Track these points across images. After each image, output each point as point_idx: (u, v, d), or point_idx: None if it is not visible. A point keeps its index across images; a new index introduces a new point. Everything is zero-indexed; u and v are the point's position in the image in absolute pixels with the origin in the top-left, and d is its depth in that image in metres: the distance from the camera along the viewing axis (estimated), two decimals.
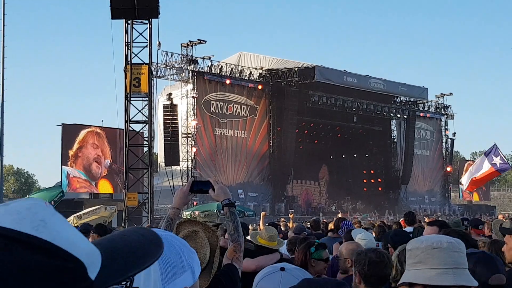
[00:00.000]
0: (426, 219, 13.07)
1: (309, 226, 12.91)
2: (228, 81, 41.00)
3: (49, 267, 0.80)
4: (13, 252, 0.79)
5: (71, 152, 36.22)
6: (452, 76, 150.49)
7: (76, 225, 19.57)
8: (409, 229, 10.20)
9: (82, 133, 37.01)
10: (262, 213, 14.61)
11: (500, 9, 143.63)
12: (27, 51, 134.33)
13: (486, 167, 28.01)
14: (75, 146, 36.42)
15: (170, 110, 34.36)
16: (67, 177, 36.11)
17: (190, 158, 38.13)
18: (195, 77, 39.09)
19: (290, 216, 19.45)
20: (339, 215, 21.00)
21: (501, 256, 4.93)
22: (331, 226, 12.43)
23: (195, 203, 33.38)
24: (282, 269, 3.18)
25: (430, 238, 2.32)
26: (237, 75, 41.92)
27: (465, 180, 30.24)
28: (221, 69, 40.90)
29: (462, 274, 2.22)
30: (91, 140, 37.16)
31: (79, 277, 0.83)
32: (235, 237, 3.43)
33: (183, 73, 38.79)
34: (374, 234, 8.86)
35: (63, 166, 36.09)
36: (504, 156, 28.96)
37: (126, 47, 28.79)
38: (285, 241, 7.46)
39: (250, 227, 11.67)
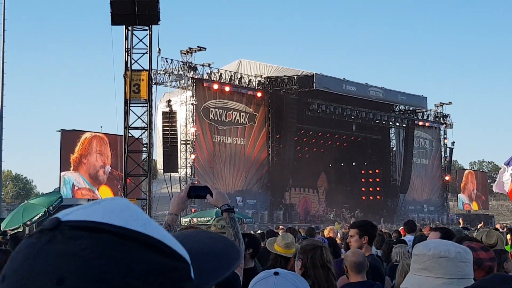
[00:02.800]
0: (425, 230, 13.04)
1: (304, 234, 12.89)
2: (227, 89, 41.03)
3: (164, 265, 0.80)
4: (130, 250, 0.79)
5: (72, 156, 36.14)
6: (451, 85, 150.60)
7: None
8: (409, 237, 10.21)
9: (86, 138, 36.95)
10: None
11: (499, 19, 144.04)
12: (26, 56, 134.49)
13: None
14: (78, 150, 36.34)
15: (169, 116, 34.35)
16: (72, 189, 36.09)
17: (188, 165, 38.13)
18: (194, 84, 39.12)
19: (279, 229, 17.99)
20: (344, 229, 20.77)
21: (504, 267, 4.91)
22: (326, 233, 12.43)
23: (193, 210, 33.35)
24: (276, 273, 3.18)
25: (438, 246, 2.28)
26: (237, 82, 41.95)
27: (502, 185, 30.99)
28: (220, 76, 40.94)
29: (467, 285, 2.20)
30: (96, 146, 37.15)
31: (187, 277, 0.84)
32: (235, 243, 3.41)
33: (183, 80, 38.81)
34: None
35: (66, 174, 36.00)
36: None
37: (126, 53, 28.79)
38: None
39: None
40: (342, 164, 53.89)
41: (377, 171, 52.82)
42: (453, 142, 55.85)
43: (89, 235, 0.78)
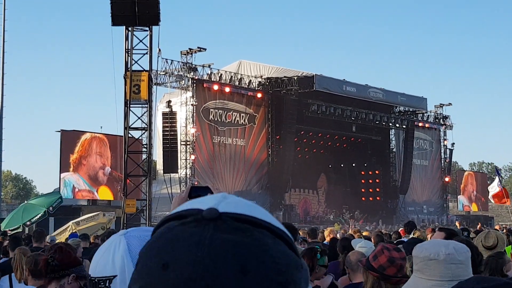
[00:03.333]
0: (427, 231, 13.04)
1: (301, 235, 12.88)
2: (227, 89, 41.03)
3: (302, 264, 0.85)
4: (282, 245, 0.83)
5: (72, 157, 36.11)
6: (451, 86, 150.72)
7: (74, 231, 19.52)
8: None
9: (86, 138, 36.93)
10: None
11: (498, 20, 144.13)
12: (26, 57, 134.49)
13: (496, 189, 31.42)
14: (78, 151, 36.31)
15: (169, 117, 34.32)
16: (72, 191, 36.07)
17: (188, 165, 38.12)
18: (194, 85, 39.11)
19: None
20: (351, 230, 20.73)
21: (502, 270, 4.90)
22: (327, 235, 12.44)
23: None
24: None
25: (430, 248, 2.30)
26: (237, 83, 41.95)
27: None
28: (220, 77, 40.93)
29: None
30: (96, 146, 37.13)
31: (306, 271, 0.87)
32: None
33: (183, 81, 38.81)
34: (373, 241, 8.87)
35: (66, 176, 35.97)
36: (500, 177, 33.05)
37: (126, 54, 28.78)
38: None
39: None
40: (342, 165, 53.89)
41: (377, 172, 52.83)
42: (453, 143, 55.91)
43: (253, 228, 0.81)
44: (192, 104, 38.82)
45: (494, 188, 33.93)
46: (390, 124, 50.22)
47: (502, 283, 1.89)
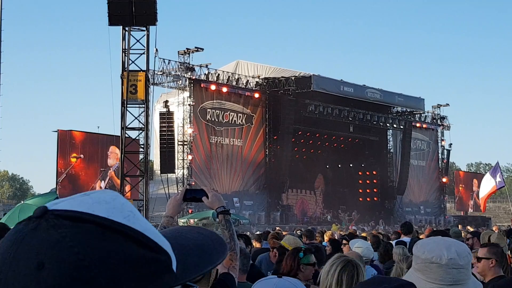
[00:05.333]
0: (426, 231, 13.02)
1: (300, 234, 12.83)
2: (224, 89, 40.96)
3: (143, 257, 0.84)
4: (110, 240, 0.82)
5: (69, 157, 35.99)
6: (448, 87, 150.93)
7: None
8: (405, 239, 10.17)
9: (83, 138, 36.86)
10: None
11: (497, 21, 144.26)
12: (23, 57, 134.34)
13: (490, 186, 29.89)
14: (74, 150, 36.23)
15: (167, 117, 34.32)
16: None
17: (185, 165, 38.03)
18: (191, 85, 39.02)
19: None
20: (340, 231, 20.67)
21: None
22: (328, 237, 12.40)
23: (190, 210, 33.29)
24: (280, 276, 3.30)
25: (432, 250, 2.25)
26: (234, 83, 41.88)
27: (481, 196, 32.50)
28: (218, 77, 40.86)
29: None
30: (93, 146, 37.10)
31: (167, 269, 0.87)
32: (231, 245, 3.39)
33: (180, 81, 38.74)
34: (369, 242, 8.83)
35: (62, 175, 35.94)
36: (502, 173, 30.81)
37: (123, 54, 28.77)
38: None
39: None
40: (339, 166, 53.86)
41: (374, 172, 52.81)
42: (450, 144, 55.94)
43: (72, 224, 0.82)
44: (189, 104, 38.75)
45: (488, 186, 32.50)
46: (388, 125, 50.21)
47: (404, 283, 1.87)
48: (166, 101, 35.65)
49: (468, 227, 21.43)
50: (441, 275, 2.19)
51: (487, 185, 31.02)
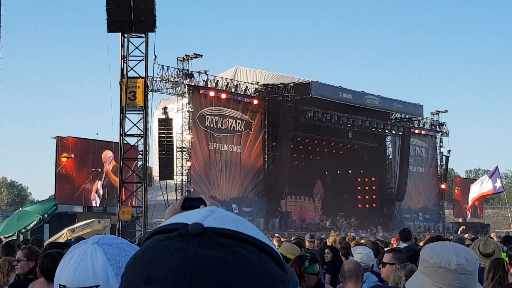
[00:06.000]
0: (427, 238, 13.00)
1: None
2: (223, 96, 40.98)
3: (286, 279, 0.84)
4: (268, 262, 0.82)
5: (67, 163, 35.90)
6: (447, 93, 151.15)
7: (69, 238, 19.44)
8: (403, 246, 10.17)
9: (82, 145, 36.79)
10: None
11: (495, 27, 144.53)
12: (22, 62, 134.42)
13: (487, 188, 29.44)
14: (73, 157, 36.11)
15: (165, 124, 34.30)
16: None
17: (184, 172, 38.00)
18: (190, 91, 39.04)
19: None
20: (349, 235, 20.67)
21: (505, 276, 4.87)
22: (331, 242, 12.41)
23: None
24: None
25: (441, 255, 2.25)
26: (233, 89, 41.90)
27: (470, 198, 31.79)
28: (216, 83, 40.88)
29: None
30: (92, 153, 37.00)
31: None
32: None
33: (179, 87, 38.75)
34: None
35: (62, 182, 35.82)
36: (501, 179, 30.36)
37: (122, 61, 28.76)
38: None
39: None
40: (338, 172, 53.87)
41: (373, 179, 52.80)
42: (449, 150, 55.99)
43: (238, 244, 0.81)
44: (188, 111, 38.76)
45: (484, 187, 31.84)
46: (386, 131, 50.25)
47: None
48: (165, 108, 35.65)
49: (467, 235, 21.42)
50: (449, 280, 2.18)
51: (483, 186, 30.76)
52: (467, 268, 2.20)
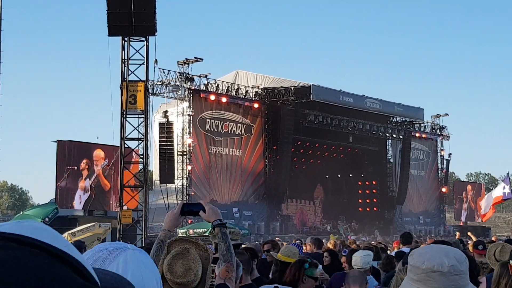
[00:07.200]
0: (428, 242, 12.99)
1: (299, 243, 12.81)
2: (224, 99, 40.98)
3: (84, 286, 0.85)
4: (53, 266, 0.83)
5: (68, 167, 35.83)
6: (448, 97, 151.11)
7: (70, 242, 19.43)
8: (405, 249, 10.16)
9: (82, 148, 36.71)
10: None
11: (496, 31, 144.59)
12: (23, 67, 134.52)
13: (498, 193, 29.48)
14: (74, 161, 36.02)
15: (166, 127, 34.33)
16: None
17: (185, 176, 37.98)
18: (191, 95, 39.04)
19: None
20: (350, 239, 20.70)
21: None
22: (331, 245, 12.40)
23: (190, 221, 33.25)
24: (276, 287, 3.35)
25: (432, 259, 2.23)
26: (233, 93, 41.91)
27: (484, 205, 31.52)
28: (217, 87, 40.90)
29: None
30: (92, 157, 36.89)
31: None
32: (227, 257, 3.42)
33: (179, 91, 38.75)
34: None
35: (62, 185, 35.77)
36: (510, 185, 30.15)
37: (123, 64, 28.82)
38: None
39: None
40: (339, 176, 53.86)
41: (373, 182, 52.77)
42: (450, 154, 55.95)
43: (18, 246, 0.82)
44: (188, 114, 38.75)
45: (496, 193, 31.67)
46: (387, 135, 50.24)
47: None
48: (166, 111, 35.67)
49: (470, 233, 21.39)
50: (443, 283, 2.17)
51: (495, 191, 30.79)
52: (460, 268, 2.19)
